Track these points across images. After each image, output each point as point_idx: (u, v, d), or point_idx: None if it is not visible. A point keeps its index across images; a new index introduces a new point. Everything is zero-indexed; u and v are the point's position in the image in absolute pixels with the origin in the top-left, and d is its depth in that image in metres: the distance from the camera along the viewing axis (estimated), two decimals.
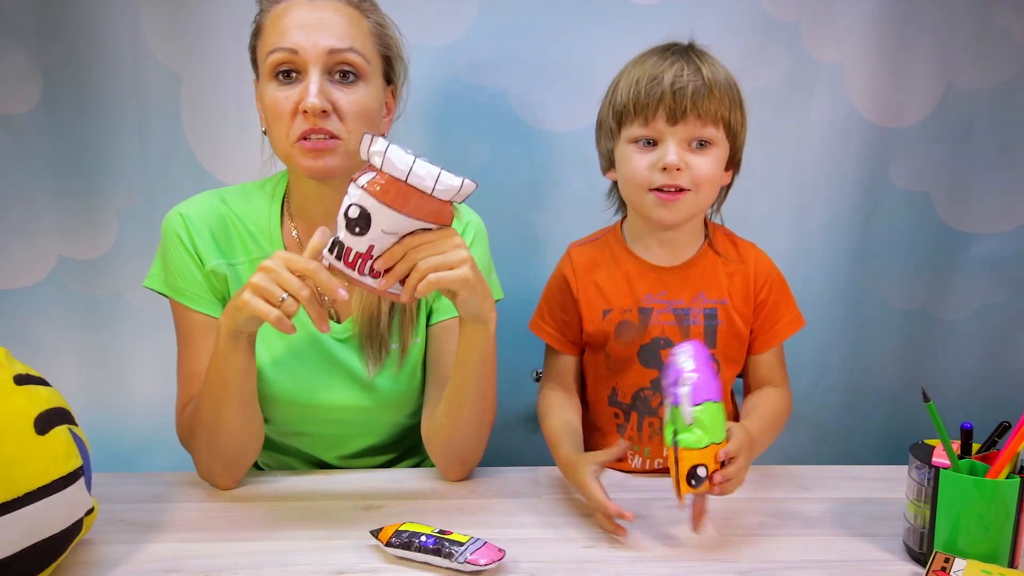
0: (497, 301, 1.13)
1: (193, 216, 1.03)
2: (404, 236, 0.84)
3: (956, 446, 0.86)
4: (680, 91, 0.95)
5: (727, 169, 1.04)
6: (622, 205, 1.12)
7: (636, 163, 0.99)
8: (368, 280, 0.85)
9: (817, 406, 1.44)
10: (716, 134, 0.98)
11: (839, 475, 1.09)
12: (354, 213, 0.82)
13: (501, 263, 1.16)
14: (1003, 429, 0.86)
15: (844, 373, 1.45)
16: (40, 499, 0.73)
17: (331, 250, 0.85)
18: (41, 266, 1.33)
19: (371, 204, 0.81)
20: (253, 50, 1.01)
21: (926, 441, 0.89)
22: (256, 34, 1.00)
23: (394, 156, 0.80)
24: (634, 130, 0.99)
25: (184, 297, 1.02)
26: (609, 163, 1.06)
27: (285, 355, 1.04)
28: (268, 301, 0.84)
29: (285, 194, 1.08)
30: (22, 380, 0.77)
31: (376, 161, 0.82)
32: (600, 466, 0.93)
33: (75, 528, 0.78)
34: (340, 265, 0.85)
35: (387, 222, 0.82)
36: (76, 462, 0.78)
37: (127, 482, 1.04)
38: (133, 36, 1.27)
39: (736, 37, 1.32)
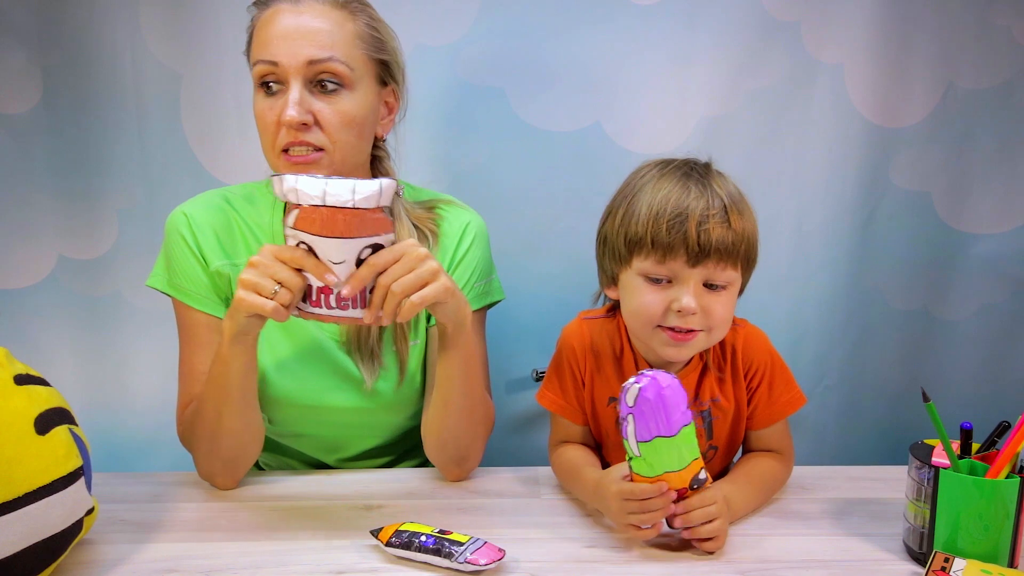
0: (498, 302, 1.14)
1: (197, 216, 1.03)
2: (360, 258, 0.84)
3: (956, 446, 0.87)
4: (705, 232, 0.88)
5: None
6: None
7: (647, 300, 0.92)
8: (339, 312, 0.86)
9: (817, 406, 1.44)
10: (732, 276, 0.92)
11: (839, 475, 1.09)
12: None
13: (501, 263, 1.16)
14: (1003, 429, 0.86)
15: (844, 373, 1.45)
16: (40, 499, 0.73)
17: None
18: (41, 266, 1.33)
19: (308, 239, 0.83)
20: (247, 58, 1.01)
21: (926, 441, 0.89)
22: (248, 42, 1.00)
23: (305, 186, 0.82)
24: (648, 265, 0.91)
25: (187, 297, 1.02)
26: (611, 281, 0.99)
27: (288, 357, 1.05)
28: (261, 294, 0.85)
29: None
30: (22, 380, 0.77)
31: (292, 198, 0.83)
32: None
33: (75, 528, 0.78)
34: (309, 308, 0.86)
35: (329, 251, 0.83)
36: (76, 462, 0.78)
37: (127, 482, 1.04)
38: (133, 36, 1.27)
39: (736, 37, 1.32)
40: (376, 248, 0.85)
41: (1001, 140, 1.38)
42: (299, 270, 0.85)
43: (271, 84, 0.96)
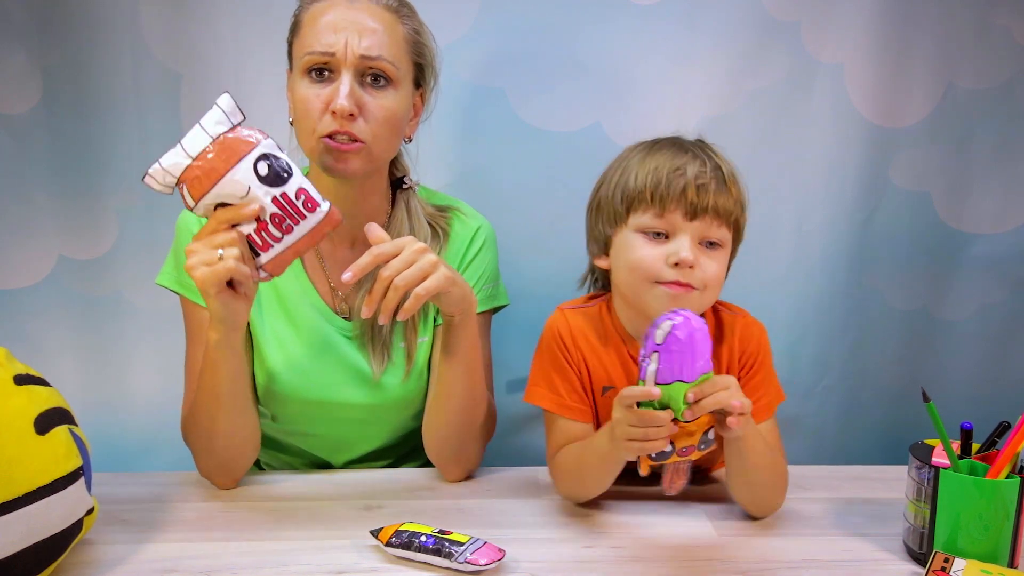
0: (503, 308, 1.14)
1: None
2: (259, 173, 0.84)
3: (956, 446, 0.87)
4: (703, 187, 0.91)
5: None
6: (602, 288, 1.05)
7: (644, 253, 0.93)
8: (289, 239, 0.86)
9: (817, 406, 1.44)
10: (726, 236, 0.94)
11: (839, 475, 1.09)
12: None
13: (501, 263, 1.16)
14: (1003, 429, 0.86)
15: (844, 373, 1.45)
16: (40, 499, 0.73)
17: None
18: (41, 266, 1.33)
19: (209, 198, 0.85)
20: (289, 44, 1.03)
21: (926, 441, 0.89)
22: (293, 30, 1.02)
23: (167, 159, 0.85)
24: (646, 219, 0.93)
25: (195, 294, 1.03)
26: (602, 249, 0.99)
27: (296, 353, 1.05)
28: (211, 265, 0.85)
29: None
30: (22, 380, 0.77)
31: (171, 180, 0.86)
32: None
33: (75, 528, 0.78)
34: (265, 256, 0.87)
35: (234, 189, 0.84)
36: (76, 462, 0.78)
37: (127, 482, 1.04)
38: (133, 36, 1.27)
39: (736, 37, 1.32)
40: (265, 157, 0.85)
41: (1001, 140, 1.38)
42: (233, 228, 0.85)
43: (323, 71, 0.97)
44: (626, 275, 0.96)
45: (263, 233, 0.86)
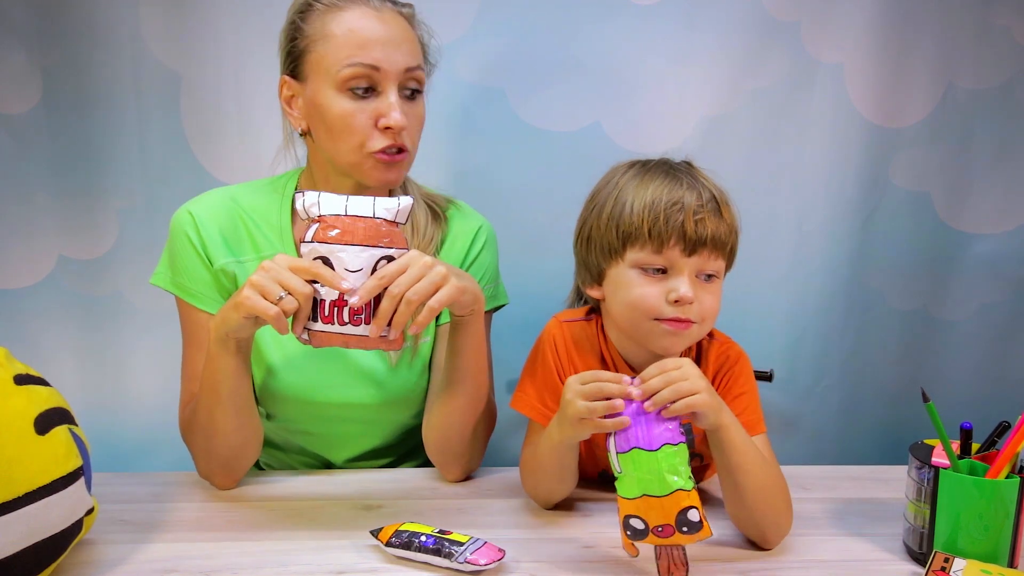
0: (502, 307, 1.14)
1: (202, 215, 1.03)
2: (376, 268, 0.85)
3: (956, 446, 0.87)
4: (701, 222, 0.90)
5: None
6: (593, 307, 1.03)
7: (644, 291, 0.91)
8: (351, 329, 0.85)
9: (817, 406, 1.44)
10: (722, 266, 0.94)
11: (839, 475, 1.09)
12: None
13: (501, 263, 1.16)
14: (1003, 429, 0.86)
15: (844, 373, 1.45)
16: (40, 499, 0.73)
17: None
18: (41, 266, 1.33)
19: (325, 250, 0.84)
20: (304, 51, 0.98)
21: (926, 441, 0.89)
22: (312, 38, 0.97)
23: (328, 198, 0.86)
24: (644, 256, 0.91)
25: (190, 295, 1.03)
26: (595, 280, 0.98)
27: (297, 352, 1.05)
28: (267, 299, 0.84)
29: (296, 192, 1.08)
30: (22, 380, 0.77)
31: (314, 212, 0.86)
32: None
33: (75, 528, 0.78)
34: (320, 325, 0.85)
35: (347, 260, 0.84)
36: (76, 462, 0.78)
37: (127, 482, 1.04)
38: (133, 36, 1.27)
39: (736, 37, 1.32)
40: (390, 260, 0.86)
41: (1001, 140, 1.38)
42: (312, 282, 0.84)
43: (368, 88, 0.96)
44: (624, 311, 0.94)
45: (336, 309, 0.85)
